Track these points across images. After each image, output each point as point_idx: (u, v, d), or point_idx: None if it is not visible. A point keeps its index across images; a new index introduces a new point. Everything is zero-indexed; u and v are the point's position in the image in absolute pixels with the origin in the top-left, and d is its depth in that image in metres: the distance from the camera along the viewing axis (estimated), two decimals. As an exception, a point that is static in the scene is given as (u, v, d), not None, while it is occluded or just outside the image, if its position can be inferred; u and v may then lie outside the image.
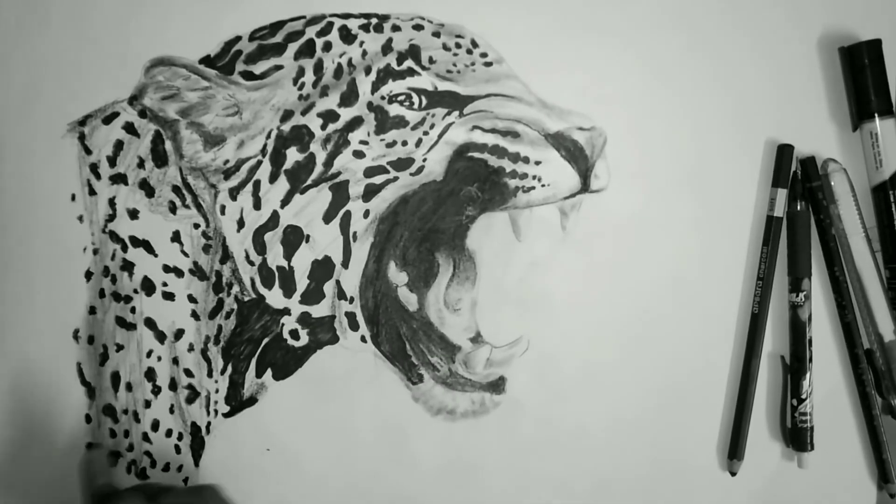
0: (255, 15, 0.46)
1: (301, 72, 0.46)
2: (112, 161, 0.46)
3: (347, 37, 0.46)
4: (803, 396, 0.48)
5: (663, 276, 0.49)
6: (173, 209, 0.47)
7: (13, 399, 0.46)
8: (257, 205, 0.46)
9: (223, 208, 0.46)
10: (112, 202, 0.47)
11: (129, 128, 0.46)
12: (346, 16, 0.46)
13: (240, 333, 0.47)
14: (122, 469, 0.47)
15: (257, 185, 0.46)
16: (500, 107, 0.47)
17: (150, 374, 0.46)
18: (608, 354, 0.49)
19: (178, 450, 0.47)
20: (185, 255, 0.47)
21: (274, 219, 0.46)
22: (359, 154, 0.46)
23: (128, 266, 0.46)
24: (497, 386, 0.48)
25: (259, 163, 0.46)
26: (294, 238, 0.46)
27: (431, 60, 0.46)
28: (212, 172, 0.46)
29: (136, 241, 0.47)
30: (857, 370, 0.48)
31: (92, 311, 0.46)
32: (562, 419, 0.49)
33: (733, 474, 0.49)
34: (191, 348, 0.46)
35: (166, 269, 0.47)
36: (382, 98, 0.46)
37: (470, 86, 0.46)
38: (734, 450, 0.48)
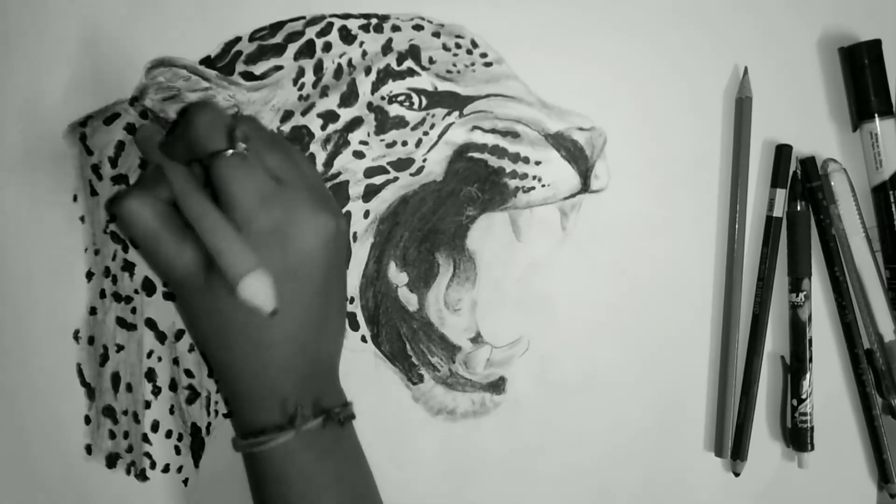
0: (256, 15, 0.46)
1: (301, 72, 0.46)
2: (113, 162, 0.46)
3: (347, 37, 0.46)
4: (803, 396, 0.48)
5: (663, 276, 0.49)
6: (174, 209, 0.47)
7: (12, 400, 0.46)
8: (257, 205, 0.46)
9: (223, 209, 0.46)
10: (113, 203, 0.47)
11: (131, 129, 0.46)
12: (346, 16, 0.46)
13: (240, 334, 0.47)
14: (122, 470, 0.47)
15: (257, 185, 0.46)
16: (500, 107, 0.47)
17: (151, 375, 0.46)
18: (608, 354, 0.49)
19: (178, 451, 0.47)
20: (186, 255, 0.47)
21: (274, 219, 0.46)
22: (359, 154, 0.46)
23: (129, 266, 0.46)
24: (497, 386, 0.48)
25: (259, 163, 0.46)
26: (294, 238, 0.46)
27: (431, 61, 0.46)
28: (212, 173, 0.46)
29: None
30: (857, 370, 0.48)
31: (92, 311, 0.46)
32: (562, 419, 0.48)
33: (737, 475, 0.49)
34: (191, 349, 0.46)
35: (167, 269, 0.47)
36: (382, 98, 0.46)
37: (470, 86, 0.46)
38: (737, 450, 0.48)
